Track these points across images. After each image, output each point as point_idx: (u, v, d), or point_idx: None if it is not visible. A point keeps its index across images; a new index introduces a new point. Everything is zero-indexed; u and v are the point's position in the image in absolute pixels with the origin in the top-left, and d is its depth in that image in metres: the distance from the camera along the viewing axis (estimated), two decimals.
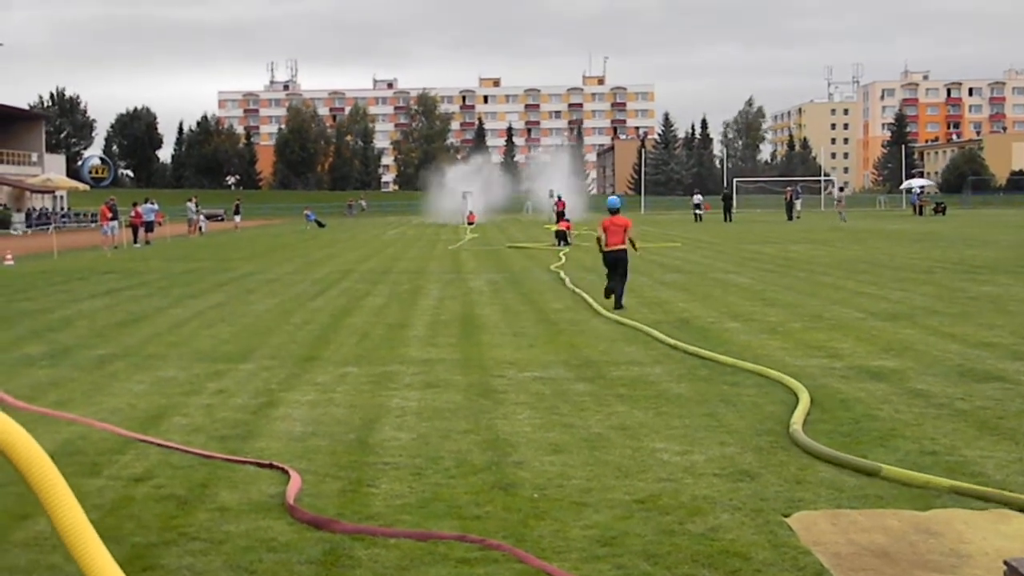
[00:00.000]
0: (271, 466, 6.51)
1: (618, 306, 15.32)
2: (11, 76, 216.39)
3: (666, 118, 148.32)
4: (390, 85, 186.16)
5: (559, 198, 45.71)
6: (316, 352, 11.58)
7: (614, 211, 16.00)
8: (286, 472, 6.36)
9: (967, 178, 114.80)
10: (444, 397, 8.90)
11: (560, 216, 40.00)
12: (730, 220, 55.96)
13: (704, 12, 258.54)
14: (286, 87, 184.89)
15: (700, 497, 5.83)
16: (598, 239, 15.96)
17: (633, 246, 15.89)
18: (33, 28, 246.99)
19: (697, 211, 59.09)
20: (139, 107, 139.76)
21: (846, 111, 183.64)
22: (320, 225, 60.23)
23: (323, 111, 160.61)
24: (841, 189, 72.16)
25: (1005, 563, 4.04)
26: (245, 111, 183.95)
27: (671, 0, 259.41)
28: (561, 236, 34.14)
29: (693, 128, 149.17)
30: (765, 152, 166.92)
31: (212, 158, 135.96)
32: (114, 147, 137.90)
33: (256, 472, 6.47)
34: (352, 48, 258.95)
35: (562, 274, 21.72)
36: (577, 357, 11.02)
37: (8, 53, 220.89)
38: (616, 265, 15.67)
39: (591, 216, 55.76)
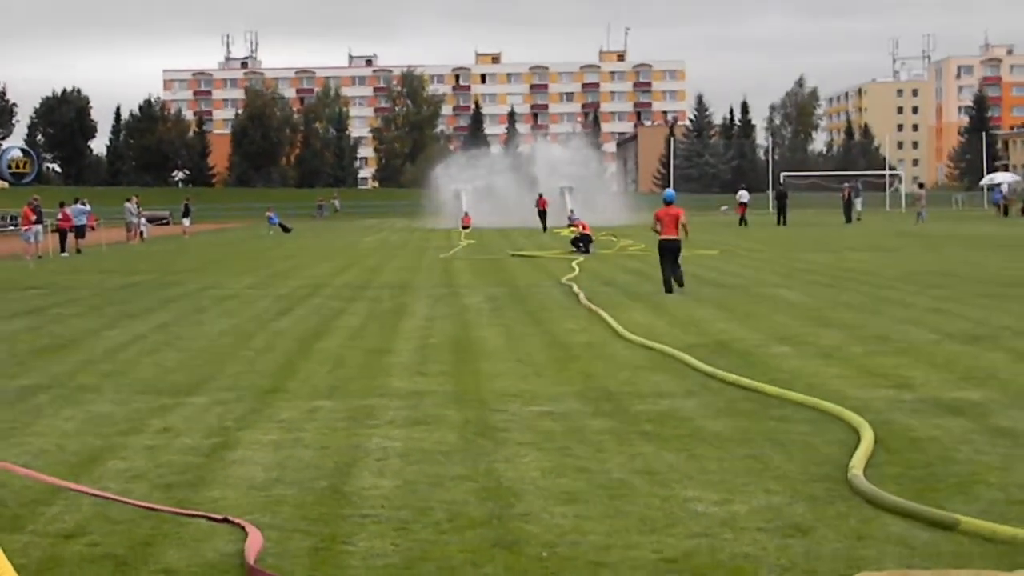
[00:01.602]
0: (226, 521, 6.52)
1: (679, 285, 20.70)
2: None
3: (699, 101, 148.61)
4: (369, 62, 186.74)
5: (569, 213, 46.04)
6: (281, 383, 11.60)
7: (669, 203, 21.23)
8: (244, 528, 6.36)
9: None
10: (434, 436, 8.90)
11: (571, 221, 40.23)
12: (784, 223, 55.79)
13: None
14: (244, 64, 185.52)
15: (741, 556, 5.83)
16: (654, 228, 21.16)
17: (685, 233, 20.87)
18: None
19: (741, 211, 58.61)
20: (68, 89, 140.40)
21: (915, 92, 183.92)
22: (285, 230, 60.32)
23: (288, 93, 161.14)
24: (921, 185, 72.05)
25: None
26: (195, 93, 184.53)
27: None
28: (581, 242, 34.15)
29: (732, 113, 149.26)
30: (819, 141, 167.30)
31: (156, 150, 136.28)
32: (38, 137, 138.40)
33: (209, 528, 6.48)
34: (323, 17, 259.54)
35: (575, 288, 21.74)
36: (594, 388, 11.02)
37: None
38: (671, 253, 20.79)
39: (637, 218, 55.66)
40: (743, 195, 60.49)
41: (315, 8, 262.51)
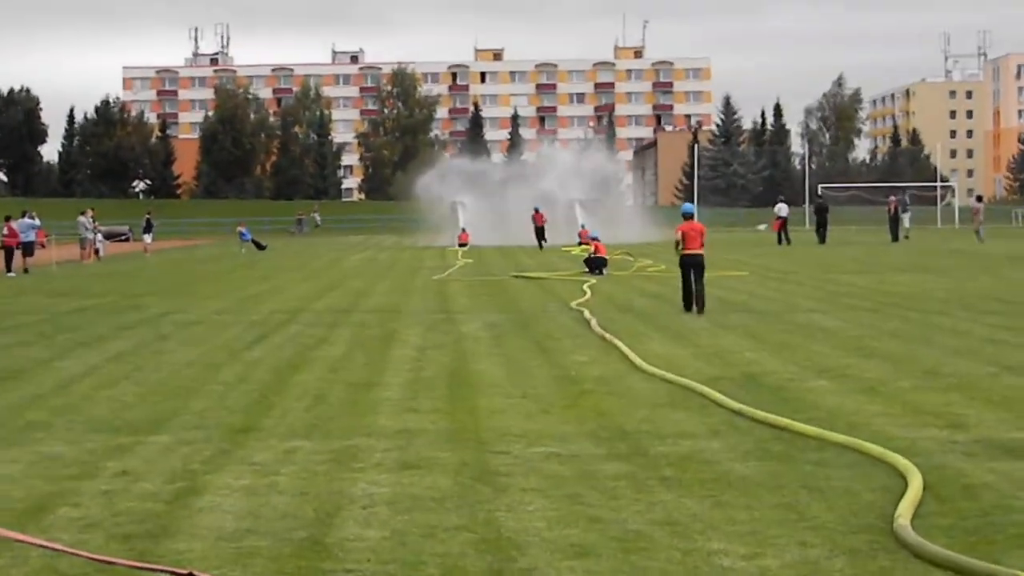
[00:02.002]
0: None
1: (700, 309, 21.74)
2: None
3: (727, 103, 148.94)
4: (354, 58, 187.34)
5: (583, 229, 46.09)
6: (254, 421, 11.61)
7: (689, 217, 23.01)
8: None
9: None
10: (427, 481, 8.91)
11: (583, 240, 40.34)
12: (824, 241, 55.72)
13: None
14: (214, 61, 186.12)
15: None
16: (676, 243, 22.46)
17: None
18: None
19: (779, 227, 57.92)
20: (15, 89, 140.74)
21: (969, 94, 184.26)
22: (259, 247, 60.38)
23: (264, 93, 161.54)
24: (980, 198, 72.00)
25: None
26: (159, 93, 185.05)
27: None
28: (595, 264, 34.17)
29: (763, 117, 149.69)
30: (861, 149, 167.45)
31: (114, 157, 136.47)
32: None
33: None
34: (303, 9, 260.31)
35: (587, 314, 21.75)
36: (607, 427, 11.03)
37: None
38: (695, 268, 22.25)
39: (657, 234, 55.67)
40: (782, 208, 59.17)
41: None
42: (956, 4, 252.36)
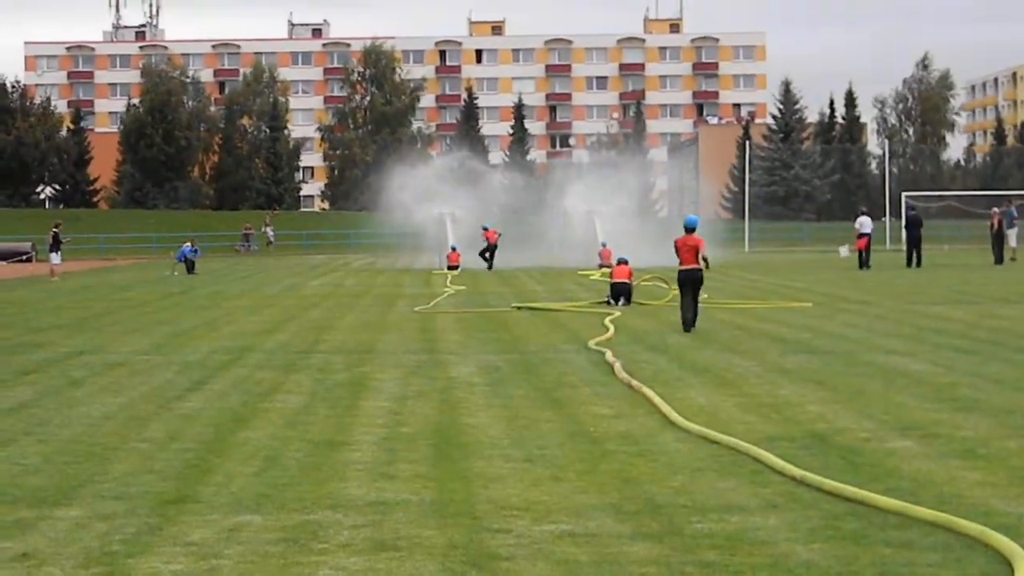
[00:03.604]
0: None
1: (692, 325, 25.89)
2: None
3: (786, 91, 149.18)
4: (317, 32, 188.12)
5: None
6: (189, 489, 11.61)
7: (690, 229, 26.16)
8: None
9: None
10: (407, 567, 8.92)
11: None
12: (919, 263, 55.62)
13: None
14: (140, 35, 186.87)
15: None
16: (677, 254, 25.99)
17: (706, 264, 26.08)
18: None
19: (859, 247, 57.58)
20: None
21: None
22: (189, 270, 60.40)
23: (204, 76, 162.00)
24: None
25: None
26: (70, 75, 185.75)
27: None
28: (620, 292, 34.21)
29: (832, 108, 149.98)
30: (955, 148, 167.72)
31: (13, 155, 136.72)
32: None
33: None
34: None
35: (609, 355, 21.77)
36: (634, 498, 11.04)
37: None
38: (691, 284, 26.04)
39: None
40: (864, 223, 58.79)
41: None
42: None
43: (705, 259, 26.19)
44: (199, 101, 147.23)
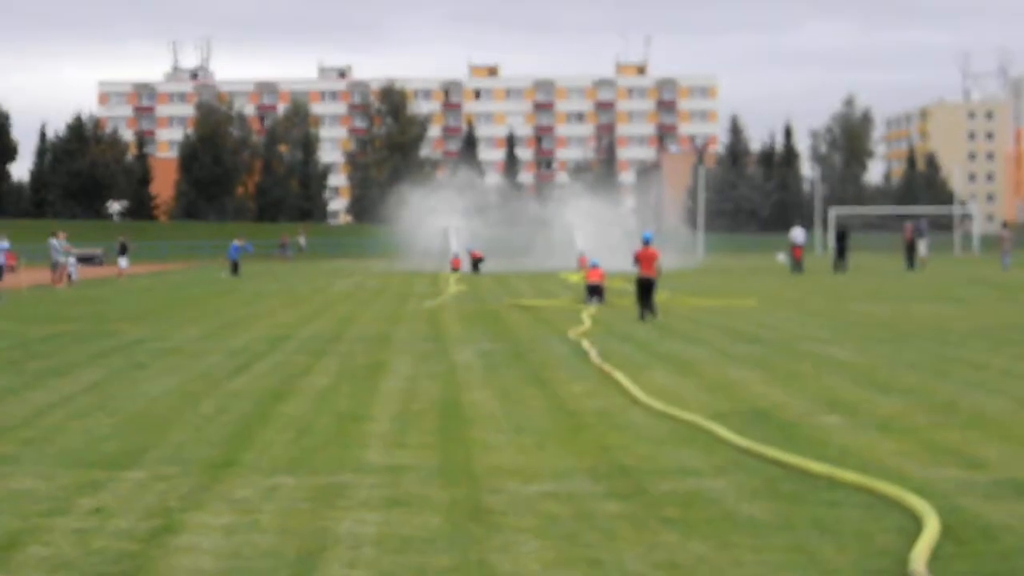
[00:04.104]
0: None
1: (652, 314, 27.57)
2: None
3: (734, 124, 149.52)
4: (342, 74, 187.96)
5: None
6: (234, 455, 11.59)
7: (647, 243, 28.33)
8: None
9: None
10: (416, 520, 8.90)
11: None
12: (844, 269, 55.62)
13: None
14: (195, 76, 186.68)
15: None
16: (634, 262, 28.73)
17: (658, 272, 28.11)
18: None
19: (793, 255, 57.47)
20: None
21: (989, 115, 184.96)
22: (234, 271, 60.33)
23: (247, 110, 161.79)
24: (1005, 224, 72.47)
25: None
26: (136, 110, 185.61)
27: None
28: (594, 291, 34.28)
29: (772, 138, 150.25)
30: (874, 172, 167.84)
31: (88, 176, 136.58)
32: None
33: None
34: (289, 21, 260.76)
35: (585, 344, 21.78)
36: (607, 463, 11.03)
37: None
38: (647, 289, 27.94)
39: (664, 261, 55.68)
40: (797, 234, 58.94)
41: (279, 10, 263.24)
42: (975, 22, 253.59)
43: (659, 268, 28.11)
44: (243, 131, 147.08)
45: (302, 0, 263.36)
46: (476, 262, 62.11)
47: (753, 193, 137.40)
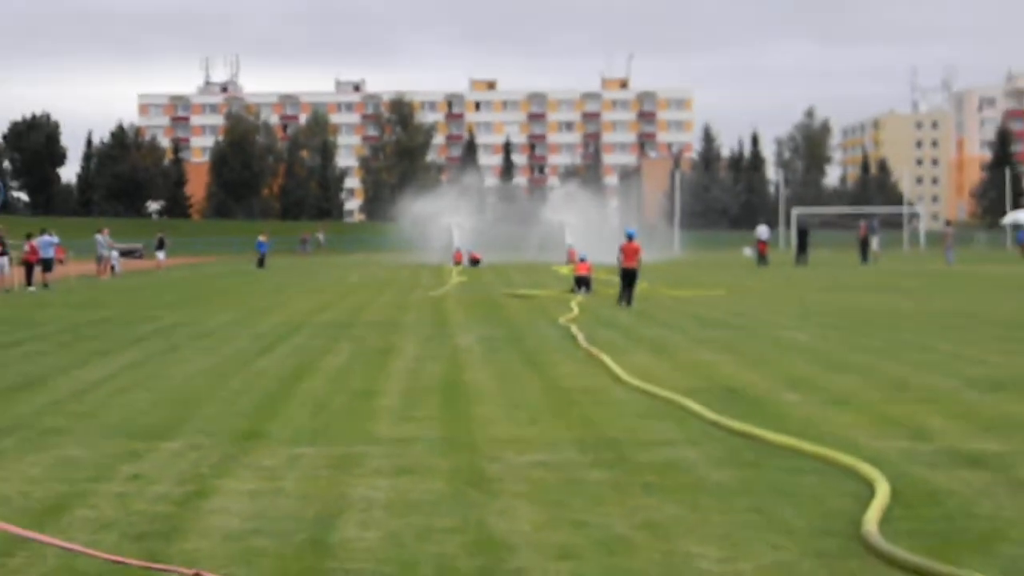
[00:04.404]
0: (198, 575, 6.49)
1: (628, 304, 28.11)
2: None
3: (706, 132, 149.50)
4: (357, 88, 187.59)
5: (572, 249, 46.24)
6: (260, 427, 11.59)
7: (630, 238, 29.27)
8: None
9: None
10: (422, 486, 8.90)
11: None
12: (804, 263, 55.61)
13: (754, 2, 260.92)
14: (225, 89, 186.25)
15: None
16: (618, 257, 29.20)
17: (639, 264, 28.92)
18: None
19: (759, 250, 57.56)
20: (37, 114, 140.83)
21: (935, 125, 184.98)
22: (260, 264, 60.38)
23: (272, 119, 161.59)
24: (948, 223, 72.58)
25: None
26: (172, 119, 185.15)
27: None
28: (582, 282, 34.28)
29: (741, 145, 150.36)
30: (832, 176, 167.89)
31: (129, 178, 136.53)
32: (4, 163, 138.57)
33: None
34: (309, 41, 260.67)
35: (574, 329, 21.77)
36: (592, 435, 11.03)
37: None
38: (630, 278, 28.58)
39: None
40: (763, 231, 59.18)
41: (300, 31, 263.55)
42: (922, 41, 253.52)
43: (640, 261, 29.05)
44: (268, 139, 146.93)
45: (321, 21, 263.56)
46: (474, 263, 62.05)
47: (723, 194, 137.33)
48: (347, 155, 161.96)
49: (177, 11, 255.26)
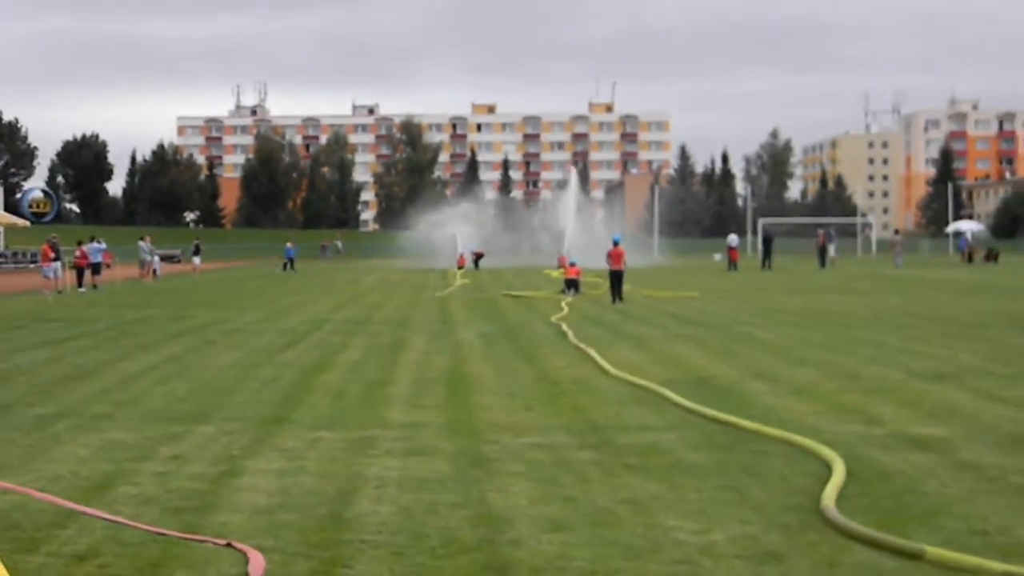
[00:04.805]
0: (229, 546, 6.49)
1: (619, 300, 29.00)
2: None
3: (682, 151, 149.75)
4: (371, 111, 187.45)
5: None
6: (284, 413, 11.58)
7: (616, 243, 29.98)
8: (245, 553, 6.33)
9: (1022, 221, 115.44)
10: (429, 466, 8.89)
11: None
12: (769, 267, 55.53)
13: (724, 35, 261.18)
14: (254, 112, 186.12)
15: None
16: (606, 261, 30.12)
17: (625, 267, 29.96)
18: None
19: (729, 256, 57.56)
20: (87, 134, 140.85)
21: (885, 144, 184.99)
22: (285, 268, 60.42)
23: (296, 139, 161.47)
24: (897, 232, 72.73)
25: None
26: (207, 139, 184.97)
27: (692, 24, 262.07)
28: (571, 284, 34.27)
29: (713, 162, 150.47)
30: (794, 190, 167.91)
31: (168, 192, 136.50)
32: (58, 178, 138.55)
33: (215, 551, 6.46)
34: (329, 69, 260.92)
35: (564, 327, 21.76)
36: (580, 421, 11.02)
37: None
38: (617, 277, 29.55)
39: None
40: (732, 239, 59.26)
41: (321, 60, 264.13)
42: (875, 69, 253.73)
43: (625, 263, 29.86)
44: (293, 156, 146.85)
45: (340, 52, 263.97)
46: (478, 258, 62.14)
47: (697, 206, 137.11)
48: (363, 171, 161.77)
49: (211, 43, 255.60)
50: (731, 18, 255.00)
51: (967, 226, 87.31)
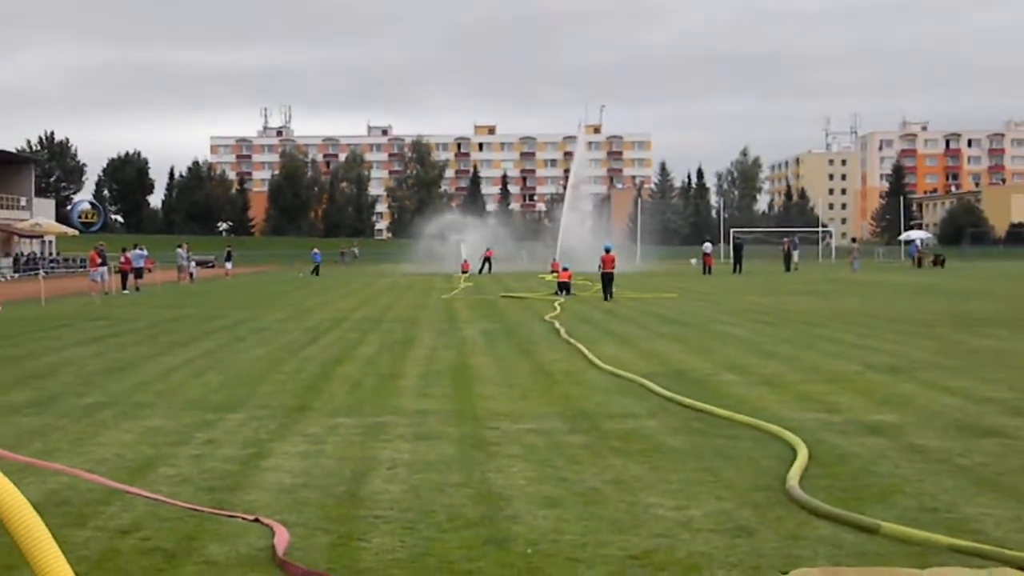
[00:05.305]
0: (257, 521, 6.47)
1: (610, 297, 30.75)
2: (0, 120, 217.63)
3: (663, 168, 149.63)
4: (385, 132, 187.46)
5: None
6: (307, 402, 11.57)
7: (607, 250, 32.37)
8: (271, 528, 6.32)
9: (966, 230, 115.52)
10: (436, 449, 8.88)
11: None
12: (740, 272, 55.56)
13: (701, 64, 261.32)
14: (279, 133, 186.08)
15: (696, 553, 5.82)
16: (599, 264, 32.27)
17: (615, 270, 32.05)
18: (22, 73, 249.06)
19: (705, 261, 57.65)
20: (130, 152, 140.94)
21: (844, 162, 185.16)
22: (315, 272, 60.40)
23: (317, 157, 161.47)
24: (854, 240, 73.06)
25: None
26: (238, 157, 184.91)
27: (672, 54, 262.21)
28: (563, 287, 34.29)
29: (690, 178, 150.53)
30: (762, 202, 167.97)
31: (203, 204, 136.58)
32: (104, 192, 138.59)
33: (244, 525, 6.44)
34: (346, 94, 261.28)
35: (557, 324, 21.75)
36: (571, 409, 11.01)
37: None
38: (609, 280, 31.56)
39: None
40: (707, 246, 59.52)
41: (340, 86, 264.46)
42: (835, 93, 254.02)
43: (615, 267, 31.76)
44: (315, 173, 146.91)
45: (357, 80, 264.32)
46: (487, 260, 61.77)
47: (676, 217, 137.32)
48: (377, 186, 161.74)
49: (241, 70, 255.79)
50: (708, 50, 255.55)
51: (917, 235, 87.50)
